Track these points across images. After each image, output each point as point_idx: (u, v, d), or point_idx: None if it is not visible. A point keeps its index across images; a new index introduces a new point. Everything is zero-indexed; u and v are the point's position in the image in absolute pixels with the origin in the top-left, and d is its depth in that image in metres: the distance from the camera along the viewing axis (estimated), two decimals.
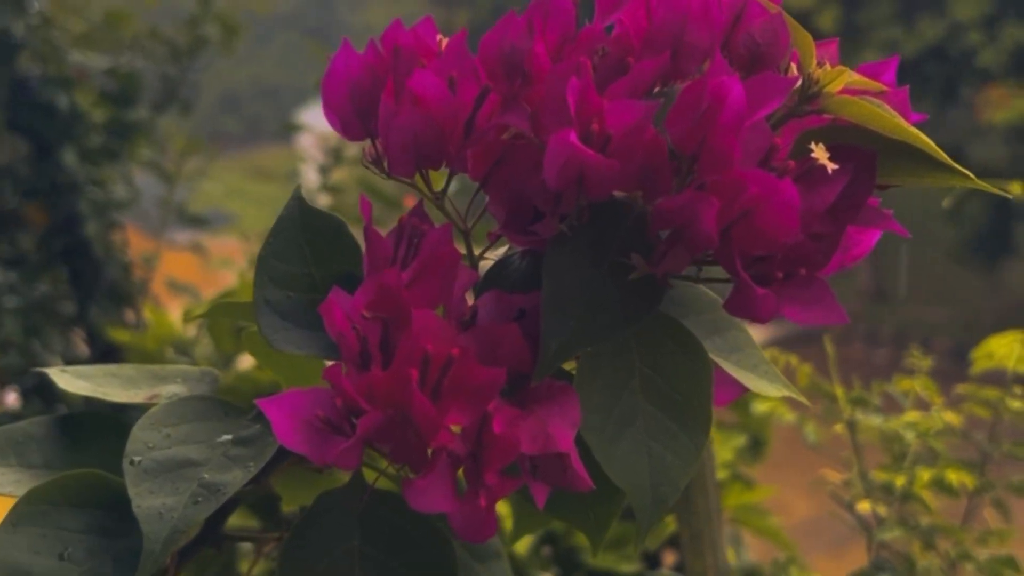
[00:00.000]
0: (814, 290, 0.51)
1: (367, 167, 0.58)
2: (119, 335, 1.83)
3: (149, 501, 0.56)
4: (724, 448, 1.65)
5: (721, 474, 1.63)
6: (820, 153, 0.49)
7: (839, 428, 1.36)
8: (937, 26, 14.81)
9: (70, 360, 2.34)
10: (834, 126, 0.52)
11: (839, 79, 0.51)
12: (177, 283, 2.64)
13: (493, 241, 0.58)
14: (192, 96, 3.16)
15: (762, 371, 0.62)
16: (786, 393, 0.62)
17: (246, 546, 1.02)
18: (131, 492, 0.56)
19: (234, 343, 1.40)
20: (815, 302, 0.51)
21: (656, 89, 0.55)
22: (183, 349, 1.74)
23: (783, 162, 0.49)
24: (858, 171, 0.50)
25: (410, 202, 0.84)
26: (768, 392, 0.61)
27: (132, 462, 0.58)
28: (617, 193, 0.52)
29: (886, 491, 1.28)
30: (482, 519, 0.49)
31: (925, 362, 1.46)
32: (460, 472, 0.51)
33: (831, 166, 0.49)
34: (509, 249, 0.59)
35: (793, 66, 0.53)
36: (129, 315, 2.62)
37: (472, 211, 0.60)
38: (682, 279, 0.57)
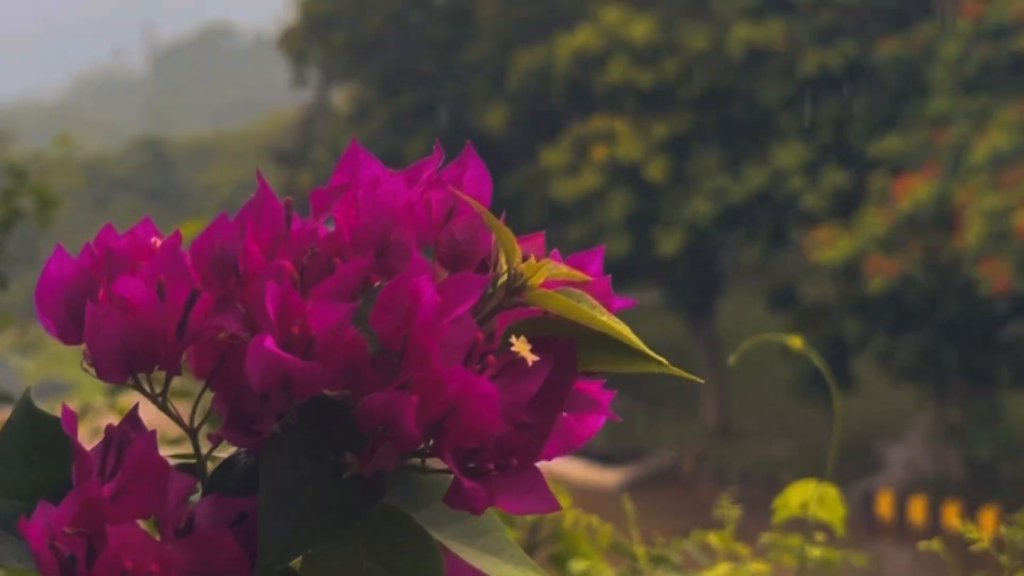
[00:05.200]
0: (527, 480, 0.52)
1: (86, 370, 0.56)
2: None
3: None
4: None
5: None
6: (521, 346, 0.50)
7: None
8: (762, 173, 15.51)
9: None
10: (541, 318, 0.54)
11: (540, 273, 0.52)
12: None
13: (215, 442, 0.57)
14: (6, 270, 3.08)
15: (508, 555, 0.62)
16: (532, 575, 0.62)
17: None
18: None
19: None
20: (529, 491, 0.52)
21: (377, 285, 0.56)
22: None
23: (485, 357, 0.49)
24: (560, 361, 0.51)
25: None
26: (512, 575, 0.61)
27: None
28: (330, 392, 0.52)
29: None
30: None
31: (733, 512, 1.48)
32: None
33: (532, 358, 0.50)
34: (239, 449, 0.58)
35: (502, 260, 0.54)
36: None
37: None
38: (421, 469, 0.57)
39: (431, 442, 0.52)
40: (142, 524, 0.54)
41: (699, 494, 17.71)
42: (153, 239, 0.57)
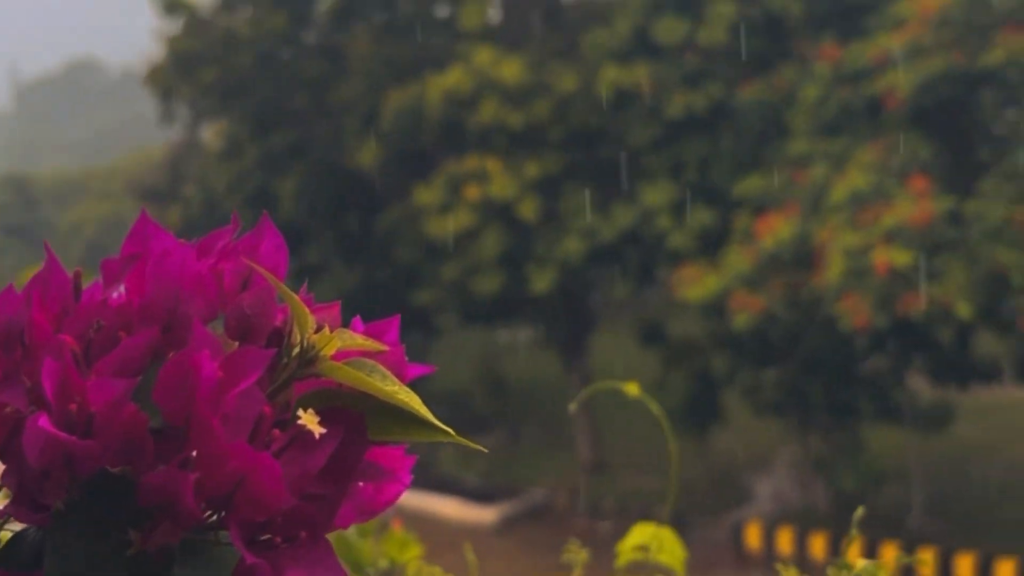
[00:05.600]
0: (316, 552, 0.52)
1: None
2: None
3: None
4: None
5: None
6: (308, 419, 0.50)
7: None
8: (631, 212, 15.76)
9: None
10: (334, 389, 0.54)
11: (332, 343, 0.53)
12: None
13: (3, 517, 0.56)
14: None
15: None
16: None
17: None
18: None
19: None
20: (317, 563, 0.52)
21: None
22: None
23: (268, 432, 0.49)
24: (350, 432, 0.52)
25: None
26: None
27: None
28: (113, 468, 0.51)
29: None
30: None
31: (581, 555, 1.49)
32: None
33: (318, 431, 0.50)
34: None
35: (296, 332, 0.54)
36: None
37: None
38: (219, 543, 0.57)
39: (219, 516, 0.51)
40: None
41: (574, 529, 17.77)
42: None
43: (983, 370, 14.25)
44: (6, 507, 0.55)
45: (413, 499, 19.22)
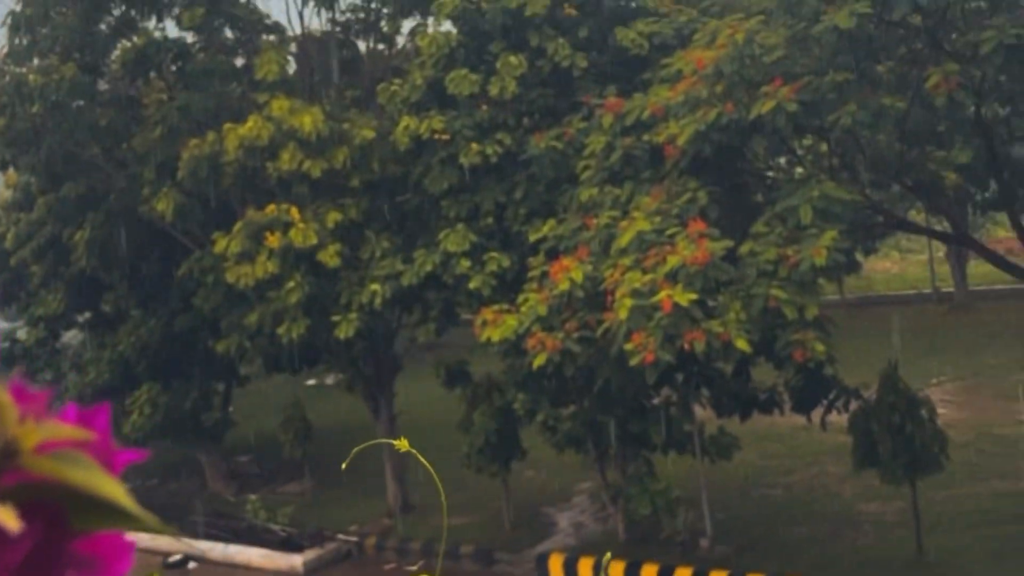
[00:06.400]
0: None
1: None
2: None
3: None
4: None
5: None
6: (5, 515, 0.51)
7: None
8: (432, 257, 16.04)
9: None
10: (38, 481, 0.55)
11: (35, 435, 0.54)
12: None
13: None
14: None
15: None
16: None
17: None
18: None
19: None
20: None
21: None
22: None
23: None
24: (51, 525, 0.54)
25: None
26: None
27: None
28: None
29: None
30: None
31: None
32: None
33: (14, 526, 0.51)
34: None
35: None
36: None
37: None
38: None
39: None
40: None
41: (381, 571, 17.86)
42: None
43: (763, 400, 15.10)
44: None
45: (220, 551, 18.88)
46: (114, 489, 0.56)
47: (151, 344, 20.32)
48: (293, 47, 19.72)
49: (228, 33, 19.48)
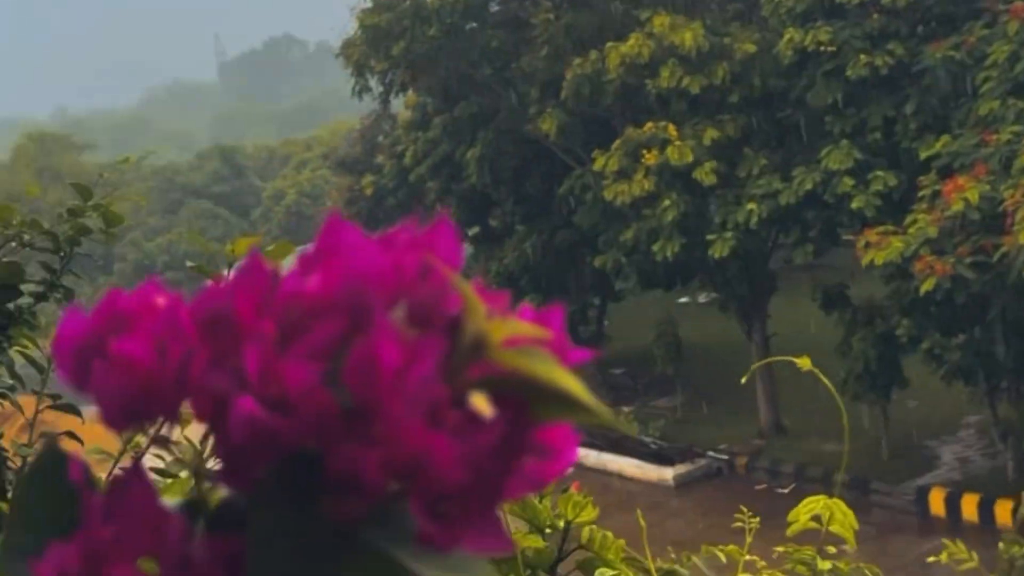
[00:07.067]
0: (486, 523, 0.57)
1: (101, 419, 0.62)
2: None
3: None
4: None
5: None
6: (479, 402, 0.55)
7: None
8: (812, 175, 15.45)
9: None
10: (502, 375, 0.59)
11: (500, 331, 0.57)
12: None
13: (215, 484, 0.63)
14: (82, 276, 3.17)
15: None
16: None
17: None
18: None
19: None
20: (487, 534, 0.57)
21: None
22: None
23: (444, 413, 0.55)
24: (516, 414, 0.56)
25: None
26: None
27: None
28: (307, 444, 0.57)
29: None
30: None
31: (754, 522, 1.51)
32: None
33: (488, 412, 0.55)
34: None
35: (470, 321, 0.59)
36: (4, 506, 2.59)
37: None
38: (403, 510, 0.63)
39: (401, 489, 0.57)
40: (144, 563, 0.59)
41: (752, 492, 17.64)
42: (157, 299, 0.63)
43: None
44: (217, 476, 0.62)
45: (594, 458, 19.38)
46: (572, 383, 0.57)
47: (533, 258, 20.95)
48: None
49: None
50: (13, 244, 3.09)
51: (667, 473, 18.35)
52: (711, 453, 19.16)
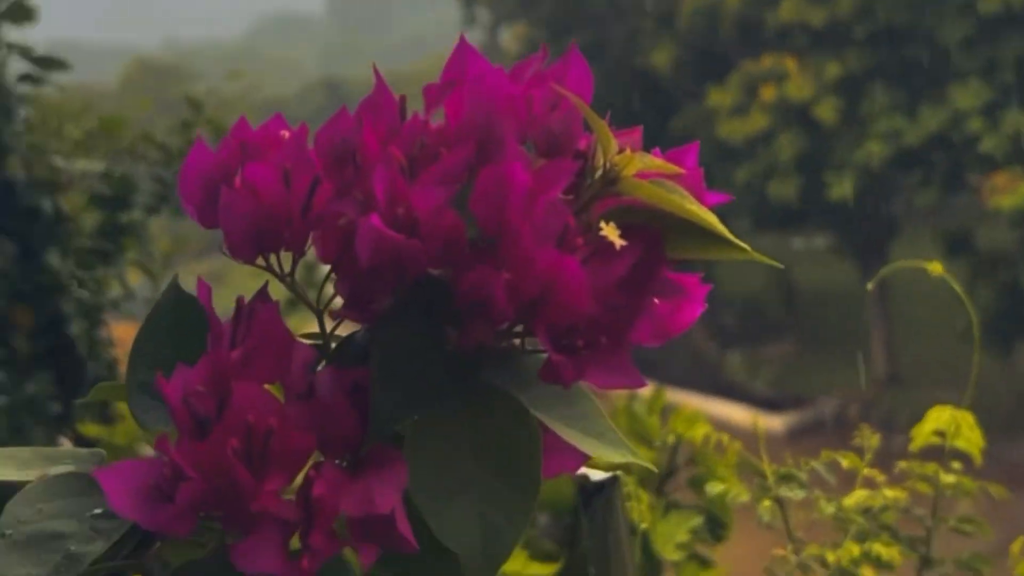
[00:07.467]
0: (616, 358, 0.55)
1: (224, 253, 0.62)
2: (88, 430, 1.87)
3: (15, 571, 0.59)
4: (680, 529, 1.67)
5: (677, 555, 1.65)
6: (609, 231, 0.53)
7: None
8: (939, 115, 14.97)
9: None
10: (632, 207, 0.57)
11: (633, 164, 0.55)
12: None
13: (338, 320, 0.62)
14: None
15: (608, 439, 0.65)
16: (630, 459, 0.65)
17: None
18: None
19: None
20: (616, 369, 0.55)
21: None
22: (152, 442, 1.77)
23: (573, 240, 0.53)
24: (648, 247, 0.54)
25: None
26: (611, 458, 0.64)
27: (3, 535, 0.61)
28: (435, 271, 0.56)
29: (821, 565, 1.30)
30: None
31: (873, 440, 1.48)
32: None
33: (619, 243, 0.53)
34: (357, 329, 0.63)
35: (600, 154, 0.57)
36: (114, 413, 2.66)
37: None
38: (527, 351, 0.61)
39: (527, 322, 0.56)
40: (269, 389, 0.59)
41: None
42: (283, 132, 0.63)
43: None
44: (339, 310, 0.62)
45: (700, 403, 19.26)
46: (708, 216, 0.55)
47: None
48: None
49: None
50: (126, 158, 3.16)
51: (776, 421, 18.20)
52: (822, 401, 18.94)
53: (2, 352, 2.62)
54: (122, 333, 2.94)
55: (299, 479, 0.56)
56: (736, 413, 18.95)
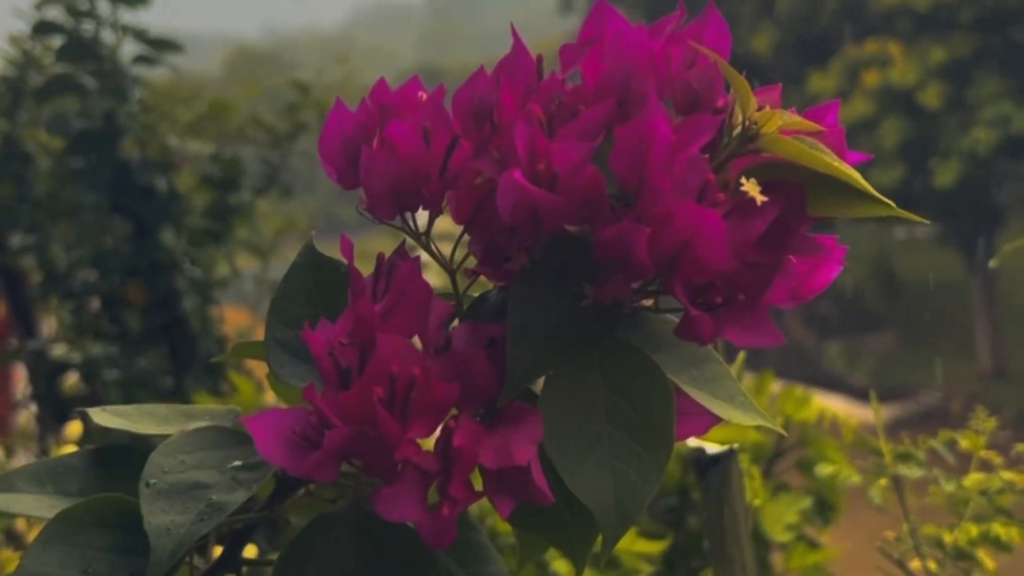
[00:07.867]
0: (754, 316, 0.55)
1: (361, 213, 0.63)
2: (202, 401, 1.91)
3: (159, 519, 0.61)
4: (789, 510, 1.66)
5: (786, 536, 1.64)
6: (750, 187, 0.53)
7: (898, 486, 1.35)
8: None
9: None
10: (772, 163, 0.57)
11: (773, 121, 0.55)
12: None
13: (473, 278, 0.63)
14: (291, 180, 3.28)
15: (738, 402, 0.65)
16: (760, 422, 0.65)
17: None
18: (144, 511, 0.61)
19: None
20: (754, 327, 0.55)
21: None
22: None
23: (713, 195, 0.53)
24: (789, 203, 0.54)
25: None
26: (741, 421, 0.64)
27: (148, 484, 0.63)
28: (572, 228, 0.57)
29: (936, 546, 1.28)
30: (445, 527, 0.54)
31: (989, 423, 1.45)
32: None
33: (760, 198, 0.53)
34: (491, 287, 0.64)
35: (739, 111, 0.57)
36: (225, 387, 2.72)
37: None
38: (659, 312, 0.62)
39: (665, 278, 0.56)
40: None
41: None
42: (420, 93, 0.63)
43: None
44: (475, 268, 0.62)
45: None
46: (851, 171, 0.54)
47: None
48: None
49: None
50: (233, 141, 3.22)
51: (886, 412, 17.92)
52: (924, 394, 18.58)
53: (115, 328, 2.69)
54: (228, 315, 3.01)
55: (437, 432, 0.57)
56: (836, 404, 18.64)
